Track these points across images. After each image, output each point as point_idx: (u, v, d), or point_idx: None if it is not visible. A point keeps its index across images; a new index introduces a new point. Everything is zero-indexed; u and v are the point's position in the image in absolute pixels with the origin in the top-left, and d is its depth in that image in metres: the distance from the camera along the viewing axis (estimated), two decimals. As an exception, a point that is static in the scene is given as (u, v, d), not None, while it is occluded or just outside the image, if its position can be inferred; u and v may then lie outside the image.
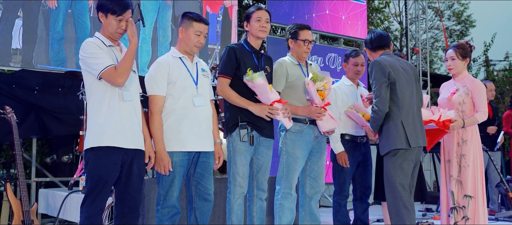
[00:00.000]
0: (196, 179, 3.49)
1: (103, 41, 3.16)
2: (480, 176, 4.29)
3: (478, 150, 4.32)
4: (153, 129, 3.35)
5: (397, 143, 3.81)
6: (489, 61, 12.55)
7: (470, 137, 4.30)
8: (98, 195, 3.08)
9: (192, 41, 3.46)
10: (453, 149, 4.31)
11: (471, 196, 4.23)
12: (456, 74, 4.44)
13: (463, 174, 4.25)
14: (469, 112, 4.33)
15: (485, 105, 4.32)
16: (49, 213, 4.97)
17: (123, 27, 3.17)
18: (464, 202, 4.22)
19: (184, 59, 3.50)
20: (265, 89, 3.56)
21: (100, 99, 3.10)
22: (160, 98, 3.38)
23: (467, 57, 4.41)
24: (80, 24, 6.01)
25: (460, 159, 4.28)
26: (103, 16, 3.16)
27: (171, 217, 3.38)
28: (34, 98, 5.52)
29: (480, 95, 4.32)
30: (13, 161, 6.80)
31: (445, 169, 4.39)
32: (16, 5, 5.66)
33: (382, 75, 3.84)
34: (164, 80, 3.38)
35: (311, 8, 7.64)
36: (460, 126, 4.25)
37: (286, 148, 3.94)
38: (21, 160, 4.42)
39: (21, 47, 5.67)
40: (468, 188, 4.23)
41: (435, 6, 15.26)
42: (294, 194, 3.94)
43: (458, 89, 4.39)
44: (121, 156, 3.12)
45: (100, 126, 3.08)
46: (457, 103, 4.35)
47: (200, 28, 3.45)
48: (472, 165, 4.25)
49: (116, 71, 3.06)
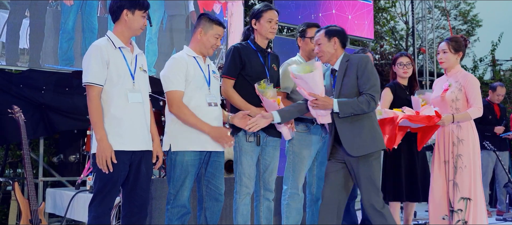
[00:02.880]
0: (207, 178, 3.49)
1: (114, 43, 3.16)
2: (479, 177, 4.08)
3: (476, 149, 4.10)
4: (190, 119, 3.34)
5: (382, 143, 3.58)
6: (496, 61, 12.49)
7: (466, 136, 4.08)
8: (106, 195, 3.08)
9: (210, 43, 3.47)
10: (448, 149, 4.11)
11: (468, 198, 4.01)
12: (448, 68, 4.23)
13: (459, 175, 4.04)
14: (463, 109, 4.11)
15: (479, 101, 4.10)
16: (56, 212, 4.99)
17: (146, 23, 3.23)
18: (461, 205, 4.02)
19: (198, 59, 3.50)
20: (274, 105, 3.57)
21: (107, 102, 3.11)
22: (180, 93, 3.37)
23: (460, 51, 4.20)
24: (88, 24, 6.03)
25: (456, 159, 4.07)
26: (129, 13, 3.15)
27: (181, 217, 3.37)
28: (41, 97, 5.55)
29: (473, 90, 4.08)
30: (20, 161, 6.82)
31: (441, 171, 4.16)
32: (24, 5, 5.68)
33: (376, 73, 3.59)
34: (182, 76, 3.37)
35: (317, 7, 7.63)
36: (449, 121, 4.06)
37: (292, 148, 3.93)
38: (29, 159, 4.44)
39: (28, 47, 5.69)
40: (465, 190, 4.01)
41: (442, 6, 15.20)
42: (301, 194, 3.93)
43: (451, 85, 4.17)
44: (130, 156, 3.13)
45: (108, 129, 3.08)
46: (450, 100, 4.13)
47: (219, 32, 3.48)
48: (469, 165, 4.03)
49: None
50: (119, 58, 3.15)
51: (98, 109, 3.06)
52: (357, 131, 3.50)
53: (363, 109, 3.47)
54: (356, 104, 3.46)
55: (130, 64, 3.18)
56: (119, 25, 3.19)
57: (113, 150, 3.05)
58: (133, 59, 3.22)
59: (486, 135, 6.63)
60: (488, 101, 6.90)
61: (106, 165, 3.02)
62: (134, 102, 3.14)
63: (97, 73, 3.06)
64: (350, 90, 3.54)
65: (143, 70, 3.27)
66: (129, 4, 3.15)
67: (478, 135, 4.20)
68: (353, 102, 3.47)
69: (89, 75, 3.06)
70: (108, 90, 3.10)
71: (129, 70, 3.17)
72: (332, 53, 3.62)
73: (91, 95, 3.06)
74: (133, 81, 3.17)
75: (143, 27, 3.22)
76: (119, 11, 3.16)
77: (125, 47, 3.19)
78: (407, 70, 4.67)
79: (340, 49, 3.64)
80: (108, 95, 3.10)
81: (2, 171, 6.18)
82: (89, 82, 3.06)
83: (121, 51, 3.17)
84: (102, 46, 3.11)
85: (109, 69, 3.09)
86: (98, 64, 3.06)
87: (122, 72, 3.13)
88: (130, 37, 3.24)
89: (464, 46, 4.25)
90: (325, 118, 3.56)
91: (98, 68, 3.06)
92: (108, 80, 3.10)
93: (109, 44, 3.14)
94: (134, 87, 3.16)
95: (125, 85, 3.13)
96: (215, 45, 3.49)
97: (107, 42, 3.15)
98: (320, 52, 3.64)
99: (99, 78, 3.07)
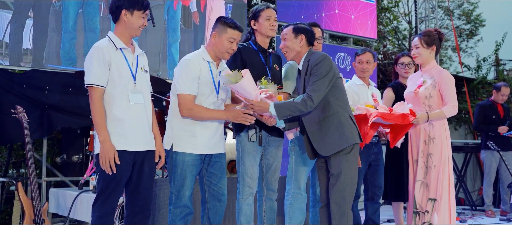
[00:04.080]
0: (209, 179, 3.49)
1: (115, 44, 3.16)
2: (447, 177, 3.95)
3: (446, 148, 3.98)
4: (204, 115, 3.35)
5: (355, 137, 3.46)
6: (500, 61, 12.44)
7: (437, 134, 3.97)
8: (110, 195, 3.08)
9: (225, 47, 3.43)
10: (419, 147, 4.01)
11: (435, 199, 3.92)
12: (423, 64, 4.12)
13: (429, 175, 3.96)
14: (437, 107, 4.00)
15: (454, 98, 3.98)
16: (59, 212, 4.99)
17: (145, 24, 3.21)
18: (429, 206, 3.93)
19: (212, 65, 3.47)
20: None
21: (109, 103, 3.11)
22: (191, 97, 3.35)
23: (433, 45, 4.08)
24: (90, 25, 6.03)
25: (427, 158, 3.97)
26: (128, 13, 3.15)
27: (184, 217, 3.38)
28: (44, 97, 5.56)
29: (448, 87, 3.97)
30: (23, 161, 6.83)
31: (412, 170, 4.10)
32: (27, 6, 5.69)
33: (330, 69, 3.46)
34: (195, 78, 3.35)
35: (320, 7, 7.61)
36: (424, 119, 3.95)
37: (295, 148, 3.93)
38: (32, 160, 4.44)
39: (31, 47, 5.70)
40: (432, 190, 3.94)
41: (445, 5, 15.16)
42: (304, 194, 3.93)
43: (425, 81, 4.05)
44: (132, 156, 3.14)
45: (110, 130, 3.08)
46: (423, 97, 4.01)
47: (233, 35, 3.42)
48: (438, 165, 3.93)
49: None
50: (120, 59, 3.15)
51: (101, 111, 3.06)
52: (324, 131, 3.45)
53: (301, 110, 3.39)
54: (292, 105, 3.39)
55: (131, 64, 3.18)
56: (119, 25, 3.20)
57: (116, 151, 3.05)
58: (134, 59, 3.22)
59: (490, 135, 6.62)
60: (491, 101, 6.88)
61: (109, 166, 3.02)
62: (135, 103, 3.15)
63: (99, 74, 3.06)
64: None
65: (144, 71, 3.27)
66: (128, 4, 3.14)
67: (485, 136, 4.11)
68: (289, 104, 3.41)
69: (91, 76, 3.06)
70: (110, 91, 3.10)
71: (131, 71, 3.17)
72: (297, 51, 3.56)
73: (93, 97, 3.06)
74: (135, 82, 3.17)
75: (142, 27, 3.21)
76: (118, 12, 3.16)
77: (126, 48, 3.19)
78: (409, 70, 4.66)
79: (305, 47, 3.58)
80: (109, 96, 3.10)
81: (5, 171, 6.19)
82: (91, 83, 3.06)
83: (122, 52, 3.17)
84: (104, 47, 3.11)
85: (111, 70, 3.09)
86: (100, 66, 3.06)
87: (123, 73, 3.13)
88: (131, 37, 3.24)
89: (438, 40, 4.11)
90: (274, 122, 3.51)
91: (100, 69, 3.06)
92: (110, 81, 3.10)
93: (111, 45, 3.14)
94: (135, 88, 3.16)
95: (126, 86, 3.13)
96: (231, 49, 3.44)
97: (108, 43, 3.15)
98: (285, 48, 3.59)
99: (101, 79, 3.07)
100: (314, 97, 3.38)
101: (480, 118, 6.79)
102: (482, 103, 7.09)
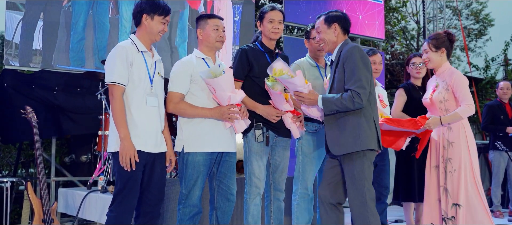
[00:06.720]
0: (219, 178, 3.51)
1: (137, 46, 3.21)
2: (473, 182, 3.81)
3: (467, 152, 3.84)
4: (188, 111, 3.39)
5: (371, 143, 3.23)
6: (508, 60, 12.37)
7: (456, 138, 3.84)
8: (127, 195, 3.11)
9: (212, 37, 3.49)
10: (439, 153, 3.91)
11: (460, 204, 3.77)
12: (435, 68, 4.02)
13: (449, 180, 3.82)
14: (453, 110, 3.88)
15: (469, 97, 3.84)
16: (68, 212, 5.03)
17: (166, 29, 3.26)
18: (453, 212, 3.80)
19: (208, 60, 3.52)
20: (282, 99, 3.56)
21: (127, 103, 3.15)
22: (178, 95, 3.40)
23: (442, 47, 3.96)
24: (100, 25, 6.06)
25: (446, 163, 3.85)
26: (149, 18, 3.21)
27: (192, 217, 3.40)
28: (53, 98, 5.60)
29: (460, 88, 3.84)
30: (32, 161, 6.89)
31: (432, 176, 3.98)
32: (39, 7, 5.73)
33: (367, 65, 3.26)
34: (185, 78, 3.41)
35: (328, 8, 7.60)
36: (436, 124, 3.84)
37: (302, 148, 3.93)
38: (42, 159, 4.48)
39: (41, 48, 5.74)
40: (454, 195, 3.80)
41: (453, 5, 15.11)
42: (311, 194, 3.93)
43: (438, 85, 3.96)
44: (145, 157, 3.17)
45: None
46: (438, 101, 3.91)
47: (215, 23, 3.49)
48: (459, 169, 3.79)
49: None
50: (141, 61, 3.20)
51: (122, 108, 3.09)
52: (340, 129, 3.25)
53: (347, 107, 3.18)
54: (340, 101, 3.19)
55: (150, 68, 3.24)
56: (140, 29, 3.26)
57: (136, 149, 3.09)
58: (153, 64, 3.28)
59: (498, 135, 6.58)
60: (500, 101, 6.85)
61: (129, 163, 3.06)
62: (151, 106, 3.20)
63: (122, 73, 3.10)
64: (340, 85, 3.29)
65: (160, 76, 3.33)
66: (149, 9, 3.20)
67: (493, 136, 4.03)
68: (337, 99, 3.21)
69: (114, 74, 3.10)
70: (129, 91, 3.15)
71: (149, 75, 3.22)
72: (333, 41, 3.35)
73: (115, 94, 3.10)
74: (152, 85, 3.23)
75: (162, 32, 3.26)
76: (140, 16, 3.22)
77: (146, 52, 3.25)
78: (421, 71, 4.64)
79: (341, 36, 3.36)
80: (128, 97, 3.15)
81: (15, 171, 6.24)
82: (114, 81, 3.10)
83: (143, 55, 3.23)
84: (127, 47, 3.16)
85: (132, 71, 3.14)
86: (123, 64, 3.11)
87: (142, 76, 3.19)
88: (151, 42, 3.29)
89: (447, 41, 4.00)
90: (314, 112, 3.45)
91: (123, 68, 3.11)
92: (130, 81, 3.15)
93: (133, 47, 3.20)
94: (152, 91, 3.22)
95: (144, 88, 3.18)
96: (219, 36, 3.50)
97: (131, 44, 3.21)
98: (321, 41, 3.42)
99: (123, 78, 3.11)
100: (363, 94, 3.17)
101: (488, 118, 6.75)
102: (490, 103, 7.05)
